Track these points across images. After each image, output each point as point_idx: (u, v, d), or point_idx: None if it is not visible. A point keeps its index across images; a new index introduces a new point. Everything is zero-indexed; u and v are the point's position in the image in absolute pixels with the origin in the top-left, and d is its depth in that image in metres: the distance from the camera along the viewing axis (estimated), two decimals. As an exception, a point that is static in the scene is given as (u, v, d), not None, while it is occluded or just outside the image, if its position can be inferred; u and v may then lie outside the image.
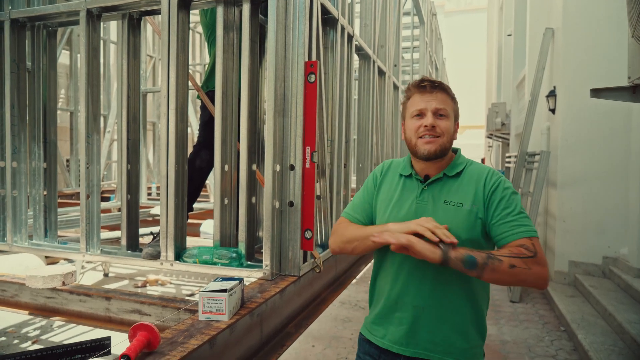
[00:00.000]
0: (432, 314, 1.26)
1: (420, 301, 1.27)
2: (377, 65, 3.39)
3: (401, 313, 1.30)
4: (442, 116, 1.28)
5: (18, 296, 2.17)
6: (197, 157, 2.43)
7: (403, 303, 1.30)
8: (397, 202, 1.33)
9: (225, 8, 2.00)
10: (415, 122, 1.30)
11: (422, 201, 1.30)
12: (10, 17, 2.30)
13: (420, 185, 1.32)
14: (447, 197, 1.28)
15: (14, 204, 2.38)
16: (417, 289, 1.28)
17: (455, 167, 1.32)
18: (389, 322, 1.32)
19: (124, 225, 2.22)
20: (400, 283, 1.30)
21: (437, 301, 1.26)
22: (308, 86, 1.86)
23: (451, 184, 1.30)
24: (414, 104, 1.31)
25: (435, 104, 1.28)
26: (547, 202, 5.76)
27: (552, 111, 5.52)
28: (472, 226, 1.24)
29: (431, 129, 1.26)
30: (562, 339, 3.94)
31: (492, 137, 10.95)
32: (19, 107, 2.39)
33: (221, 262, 1.93)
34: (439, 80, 1.32)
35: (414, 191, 1.33)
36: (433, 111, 1.27)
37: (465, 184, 1.29)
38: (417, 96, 1.31)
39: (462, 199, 1.27)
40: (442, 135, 1.28)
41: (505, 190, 1.26)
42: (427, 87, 1.29)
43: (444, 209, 1.26)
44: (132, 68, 2.23)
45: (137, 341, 1.09)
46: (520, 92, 8.16)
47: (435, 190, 1.30)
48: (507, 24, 9.93)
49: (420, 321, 1.27)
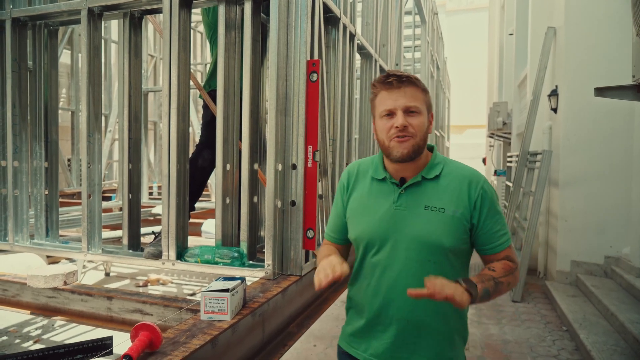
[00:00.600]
0: (417, 326, 1.21)
1: (404, 314, 1.21)
2: (379, 64, 3.38)
3: (384, 326, 1.23)
4: (413, 113, 1.17)
5: (20, 296, 2.16)
6: (199, 156, 2.42)
7: (386, 316, 1.23)
8: (371, 209, 1.24)
9: (227, 7, 1.99)
10: (385, 122, 1.20)
11: (399, 207, 1.21)
12: (12, 16, 2.29)
13: (396, 189, 1.23)
14: (427, 201, 1.20)
15: (15, 204, 2.38)
16: (401, 302, 1.20)
17: (433, 169, 1.23)
18: (372, 336, 1.25)
19: (125, 225, 2.22)
20: (382, 296, 1.23)
21: (422, 313, 1.20)
22: (310, 85, 1.86)
23: (430, 188, 1.21)
24: (382, 103, 1.20)
25: (405, 101, 1.17)
26: (548, 201, 5.74)
27: (554, 110, 5.51)
28: (455, 232, 1.18)
29: (403, 130, 1.16)
30: (564, 338, 3.93)
31: (494, 137, 10.93)
32: (20, 106, 2.39)
33: (223, 261, 1.93)
34: (406, 73, 1.21)
35: (390, 196, 1.23)
36: (403, 109, 1.17)
37: (446, 187, 1.21)
38: (384, 94, 1.19)
39: (444, 204, 1.19)
40: (415, 134, 1.17)
41: (491, 196, 1.22)
42: (393, 83, 1.18)
43: (425, 215, 1.19)
44: (134, 67, 2.23)
45: (139, 341, 1.08)
46: (522, 91, 8.14)
47: (413, 195, 1.21)
48: (508, 23, 9.91)
49: (405, 334, 1.21)
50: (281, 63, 1.87)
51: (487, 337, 3.97)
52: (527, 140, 5.93)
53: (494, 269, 1.19)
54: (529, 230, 5.21)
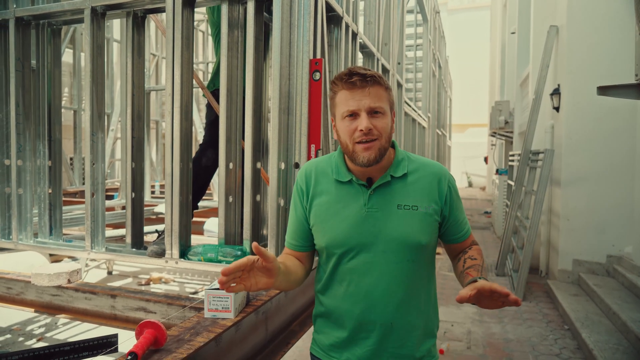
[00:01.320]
0: (401, 327, 1.17)
1: (388, 317, 1.16)
2: (381, 63, 3.39)
3: (367, 333, 1.17)
4: (377, 114, 1.12)
5: (24, 294, 2.18)
6: (203, 155, 2.43)
7: (369, 322, 1.17)
8: (341, 214, 1.17)
9: (230, 6, 2.00)
10: (348, 124, 1.13)
11: (371, 209, 1.15)
12: (15, 15, 2.30)
13: (365, 191, 1.17)
14: (399, 200, 1.16)
15: (19, 202, 2.39)
16: (383, 306, 1.16)
17: (399, 166, 1.19)
18: (354, 344, 1.19)
19: (128, 223, 2.23)
20: (362, 303, 1.16)
21: (406, 313, 1.17)
22: (313, 84, 1.86)
23: (400, 186, 1.18)
24: (343, 102, 1.13)
25: (369, 102, 1.10)
26: (550, 200, 5.74)
27: (556, 109, 5.50)
28: (429, 228, 1.16)
29: (368, 133, 1.10)
30: (566, 337, 3.94)
31: (496, 136, 10.91)
32: (24, 105, 2.40)
33: (226, 260, 1.94)
34: (370, 71, 1.13)
35: (359, 198, 1.17)
36: (367, 111, 1.10)
37: (415, 184, 1.18)
38: (346, 93, 1.12)
39: (416, 201, 1.16)
40: (380, 136, 1.12)
41: (456, 187, 1.23)
42: (357, 83, 1.10)
43: (398, 214, 1.15)
44: (137, 66, 2.23)
45: (144, 338, 1.09)
46: (524, 90, 8.13)
47: (383, 195, 1.17)
48: (510, 21, 9.89)
49: (389, 338, 1.17)
50: (284, 62, 1.88)
51: (489, 335, 3.98)
52: (529, 139, 5.93)
53: (474, 257, 1.19)
54: (531, 229, 5.21)
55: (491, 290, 0.96)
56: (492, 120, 9.74)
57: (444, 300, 4.86)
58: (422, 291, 1.20)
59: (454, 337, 3.94)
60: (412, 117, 5.54)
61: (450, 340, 3.86)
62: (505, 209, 7.90)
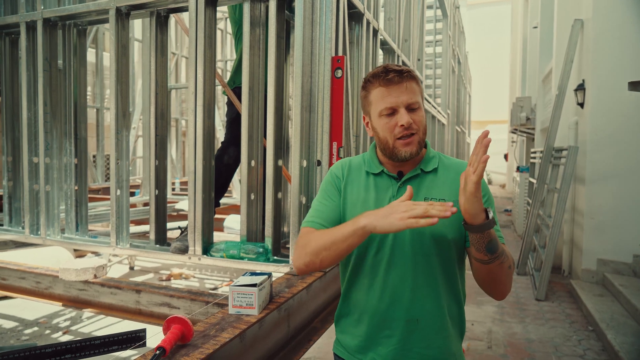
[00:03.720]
0: (427, 325, 1.14)
1: (414, 313, 1.13)
2: (402, 60, 3.36)
3: (391, 330, 1.15)
4: (415, 109, 1.13)
5: (52, 288, 2.23)
6: (224, 153, 2.46)
7: (393, 319, 1.14)
8: (370, 204, 1.17)
9: (252, 4, 2.00)
10: (386, 120, 1.14)
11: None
12: (43, 16, 2.36)
13: (395, 183, 1.18)
14: (427, 194, 1.16)
15: (47, 199, 2.45)
16: (410, 300, 1.13)
17: (429, 162, 1.20)
18: (377, 343, 1.16)
19: (152, 220, 2.26)
20: (388, 296, 1.14)
21: (431, 310, 1.14)
22: (335, 81, 1.86)
23: (429, 180, 1.18)
24: (380, 100, 1.14)
25: (407, 98, 1.12)
26: (574, 198, 5.62)
27: (581, 105, 5.37)
28: (456, 224, 1.13)
29: (409, 128, 1.12)
30: (591, 338, 3.85)
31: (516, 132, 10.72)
32: (51, 104, 2.46)
33: (248, 256, 1.95)
34: (404, 67, 1.15)
35: (388, 190, 1.18)
36: (406, 106, 1.12)
37: (444, 179, 1.18)
38: (382, 90, 1.13)
39: (444, 195, 1.15)
40: (419, 130, 1.14)
41: (487, 189, 1.17)
42: (394, 79, 1.11)
43: None
44: (160, 65, 2.26)
45: (171, 334, 1.11)
46: (547, 85, 7.96)
47: (412, 187, 1.13)
48: (533, 15, 9.68)
49: (414, 335, 1.14)
50: (306, 60, 1.88)
51: (510, 335, 3.92)
52: (552, 135, 5.81)
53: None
54: (554, 227, 5.11)
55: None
56: (512, 117, 9.58)
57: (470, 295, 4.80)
58: (450, 289, 1.18)
59: (474, 336, 3.90)
60: (431, 113, 5.49)
61: (470, 340, 3.82)
62: (526, 206, 7.76)
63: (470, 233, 1.04)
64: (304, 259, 1.13)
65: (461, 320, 1.23)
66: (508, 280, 1.12)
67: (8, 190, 2.71)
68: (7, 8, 2.59)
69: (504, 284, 1.12)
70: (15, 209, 2.72)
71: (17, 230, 2.66)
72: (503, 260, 1.07)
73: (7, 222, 2.72)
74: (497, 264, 1.06)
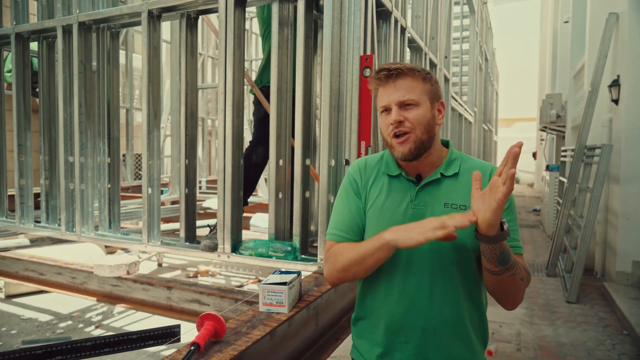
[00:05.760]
0: (444, 332, 1.11)
1: (431, 321, 1.11)
2: (429, 58, 3.32)
3: (407, 337, 1.13)
4: (409, 106, 1.10)
5: (87, 283, 2.31)
6: (252, 152, 2.48)
7: (410, 326, 1.12)
8: (389, 209, 1.14)
9: (281, 4, 2.02)
10: (383, 119, 1.13)
11: (417, 205, 1.12)
12: (78, 20, 2.43)
13: (413, 187, 1.15)
14: (446, 199, 1.12)
15: (81, 197, 2.53)
16: (428, 308, 1.11)
17: (451, 165, 1.16)
18: (394, 349, 1.15)
19: (182, 218, 2.31)
20: (405, 303, 1.12)
21: (450, 317, 1.11)
22: (363, 80, 1.85)
23: (449, 185, 1.14)
24: (379, 99, 1.14)
25: (398, 96, 1.09)
26: (607, 198, 5.44)
27: (615, 102, 5.19)
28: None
29: (398, 125, 1.09)
30: (626, 343, 3.73)
31: (546, 130, 10.45)
32: (86, 105, 2.53)
33: (276, 255, 1.97)
34: (398, 65, 1.12)
35: (406, 194, 1.15)
36: (397, 104, 1.10)
37: (466, 184, 1.12)
38: (381, 90, 1.13)
39: (465, 201, 1.10)
40: (414, 128, 1.09)
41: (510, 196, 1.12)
42: (382, 78, 1.11)
43: (445, 213, 1.09)
44: (190, 66, 2.30)
45: (205, 330, 1.13)
46: (579, 82, 7.72)
47: (431, 192, 1.13)
48: (564, 9, 9.41)
49: (430, 343, 1.12)
50: (334, 59, 1.88)
51: (540, 338, 3.83)
52: (585, 133, 5.63)
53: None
54: (586, 228, 4.96)
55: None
56: (542, 114, 9.34)
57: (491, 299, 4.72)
58: (470, 296, 1.14)
59: (502, 338, 3.83)
60: (458, 112, 5.40)
61: (498, 342, 3.75)
62: (556, 206, 7.56)
63: (481, 243, 1.00)
64: (337, 275, 1.14)
65: (483, 327, 1.19)
66: (520, 292, 1.09)
67: (45, 189, 2.81)
68: (45, 13, 2.68)
69: (514, 296, 1.10)
70: (52, 207, 2.82)
71: (54, 227, 2.75)
72: (515, 273, 1.03)
73: (44, 220, 2.83)
74: (508, 275, 1.03)
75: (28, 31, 2.72)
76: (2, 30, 2.83)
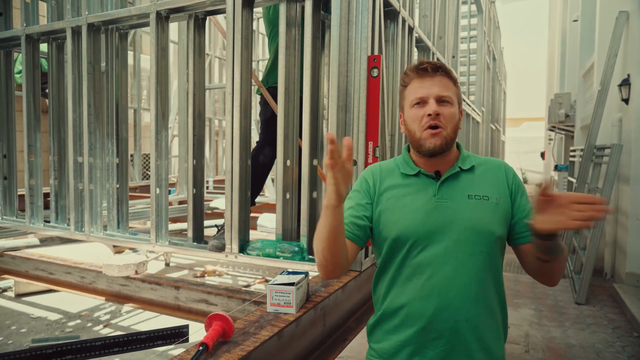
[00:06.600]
0: (473, 326, 1.11)
1: (462, 315, 1.10)
2: (436, 57, 3.30)
3: (438, 333, 1.11)
4: (445, 103, 1.14)
5: (95, 283, 2.33)
6: (260, 153, 2.49)
7: (441, 321, 1.10)
8: (411, 206, 1.16)
9: (288, 5, 2.02)
10: (416, 111, 1.15)
11: (441, 199, 1.14)
12: (87, 21, 2.45)
13: (433, 182, 1.17)
14: (469, 191, 1.15)
15: (90, 197, 2.55)
16: (458, 302, 1.10)
17: (466, 160, 1.21)
18: (425, 347, 1.12)
19: (190, 218, 2.32)
20: (436, 299, 1.11)
21: (481, 311, 1.11)
22: (371, 81, 1.85)
23: (468, 178, 1.18)
24: (413, 91, 1.17)
25: (438, 90, 1.14)
26: (617, 198, 5.38)
27: (625, 101, 5.14)
28: (502, 219, 1.14)
29: (435, 118, 1.12)
30: (636, 345, 3.68)
31: (555, 130, 10.36)
32: (95, 106, 2.55)
33: (284, 255, 1.97)
34: (439, 62, 1.19)
35: (428, 190, 1.16)
36: (436, 98, 1.13)
37: (483, 176, 1.18)
38: (417, 82, 1.16)
39: (486, 192, 1.15)
40: (446, 126, 1.14)
41: (522, 183, 1.22)
42: (428, 70, 1.15)
43: (470, 203, 1.13)
44: (197, 66, 2.31)
45: (213, 330, 1.13)
46: (588, 81, 7.65)
47: (452, 186, 1.16)
48: (573, 8, 9.32)
49: (462, 338, 1.10)
50: (342, 59, 1.87)
51: (549, 340, 3.80)
52: (594, 133, 5.58)
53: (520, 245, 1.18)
54: (595, 229, 4.90)
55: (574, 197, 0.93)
56: (550, 114, 9.26)
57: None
58: (495, 288, 1.16)
59: (510, 339, 3.80)
60: (466, 111, 5.38)
61: (506, 343, 3.71)
62: (565, 207, 7.47)
63: (537, 239, 1.03)
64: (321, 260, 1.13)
65: (504, 320, 1.21)
66: (562, 269, 1.14)
67: (54, 189, 2.84)
68: (54, 15, 2.71)
69: (559, 274, 1.14)
70: (61, 207, 2.85)
71: (63, 227, 2.78)
72: (562, 259, 1.09)
73: (54, 219, 2.85)
74: (557, 261, 1.08)
75: (38, 33, 2.75)
76: (13, 32, 2.86)
